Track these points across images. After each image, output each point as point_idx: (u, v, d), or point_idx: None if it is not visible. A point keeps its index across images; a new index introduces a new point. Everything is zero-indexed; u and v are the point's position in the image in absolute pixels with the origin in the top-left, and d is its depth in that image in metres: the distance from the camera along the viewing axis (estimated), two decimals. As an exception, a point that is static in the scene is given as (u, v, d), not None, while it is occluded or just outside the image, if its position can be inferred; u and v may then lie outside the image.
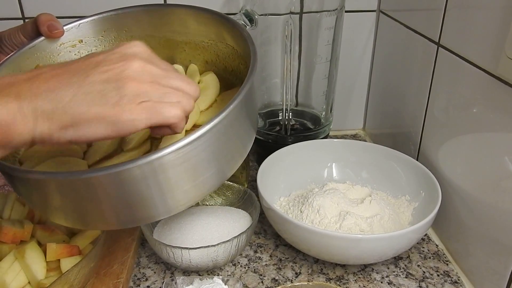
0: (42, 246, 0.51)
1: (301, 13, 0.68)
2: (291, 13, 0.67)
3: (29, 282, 0.49)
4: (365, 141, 0.88)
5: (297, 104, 0.78)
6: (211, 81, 0.55)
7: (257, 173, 0.61)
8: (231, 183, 0.63)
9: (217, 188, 0.47)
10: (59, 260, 0.50)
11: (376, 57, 0.84)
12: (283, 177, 0.67)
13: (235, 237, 0.53)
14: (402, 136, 0.74)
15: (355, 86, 0.88)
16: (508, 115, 0.47)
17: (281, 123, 0.76)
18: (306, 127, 0.78)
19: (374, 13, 0.82)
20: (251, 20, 0.65)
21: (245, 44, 0.48)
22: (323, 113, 0.78)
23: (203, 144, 0.39)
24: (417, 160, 0.67)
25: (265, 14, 0.68)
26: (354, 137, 0.91)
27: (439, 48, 0.60)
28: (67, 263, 0.49)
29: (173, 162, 0.38)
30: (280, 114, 0.77)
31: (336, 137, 0.89)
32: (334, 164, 0.71)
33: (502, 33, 0.47)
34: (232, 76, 0.55)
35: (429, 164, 0.64)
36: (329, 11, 0.69)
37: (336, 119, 0.91)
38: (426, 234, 0.63)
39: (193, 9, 0.54)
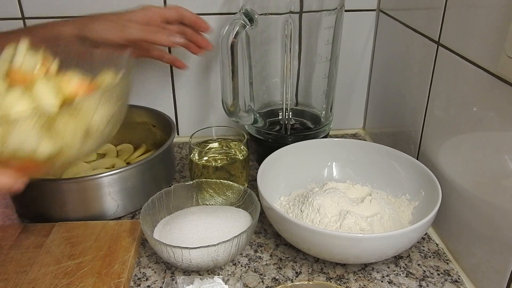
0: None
1: (300, 12, 0.68)
2: (291, 12, 0.67)
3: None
4: (365, 140, 0.88)
5: (297, 104, 0.79)
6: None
7: (257, 172, 0.61)
8: (231, 182, 0.63)
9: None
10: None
11: (376, 56, 0.84)
12: (283, 177, 0.67)
13: (235, 236, 0.53)
14: (402, 135, 0.74)
15: (355, 85, 0.88)
16: (508, 113, 0.47)
17: (281, 122, 0.76)
18: (306, 126, 0.78)
19: (374, 12, 0.82)
20: (251, 19, 0.65)
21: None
22: (323, 112, 0.78)
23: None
24: (417, 159, 0.67)
25: (265, 14, 0.68)
26: (354, 136, 0.91)
27: (439, 47, 0.60)
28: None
29: None
30: (280, 113, 0.77)
31: (336, 136, 0.89)
32: (334, 163, 0.71)
33: (502, 32, 0.47)
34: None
35: (429, 163, 0.64)
36: (328, 10, 0.69)
37: (336, 118, 0.91)
38: (426, 233, 0.63)
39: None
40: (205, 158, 0.69)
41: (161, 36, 0.64)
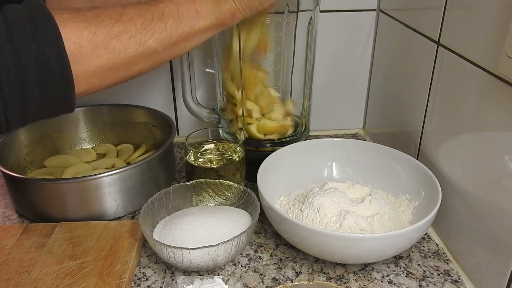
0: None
1: (274, 14, 0.66)
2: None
3: None
4: (365, 140, 0.88)
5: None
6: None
7: (257, 172, 0.61)
8: (231, 182, 0.63)
9: None
10: None
11: (376, 56, 0.84)
12: (283, 177, 0.67)
13: (235, 236, 0.53)
14: (402, 135, 0.74)
15: (355, 85, 0.88)
16: (508, 113, 0.47)
17: None
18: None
19: (374, 12, 0.82)
20: None
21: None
22: (301, 118, 0.75)
23: None
24: (417, 159, 0.67)
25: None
26: (354, 136, 0.91)
27: (439, 47, 0.60)
28: None
29: None
30: None
31: (336, 136, 0.90)
32: (334, 163, 0.71)
33: (502, 32, 0.47)
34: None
35: (429, 163, 0.64)
36: (304, 11, 0.67)
37: (336, 118, 0.91)
38: (426, 233, 0.63)
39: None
40: (201, 159, 0.69)
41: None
